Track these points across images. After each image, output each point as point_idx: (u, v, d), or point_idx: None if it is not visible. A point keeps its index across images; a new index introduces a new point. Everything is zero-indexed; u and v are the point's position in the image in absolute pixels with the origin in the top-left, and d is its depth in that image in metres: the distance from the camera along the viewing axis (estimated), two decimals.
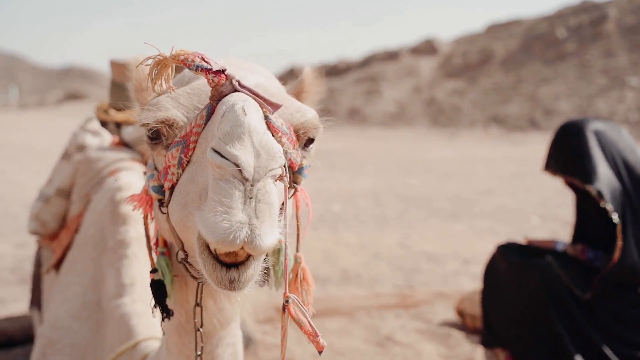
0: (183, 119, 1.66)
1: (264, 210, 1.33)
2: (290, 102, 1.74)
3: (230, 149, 1.33)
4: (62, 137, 20.18)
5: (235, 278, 1.39)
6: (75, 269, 3.02)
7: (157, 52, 1.63)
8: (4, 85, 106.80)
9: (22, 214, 10.27)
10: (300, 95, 2.05)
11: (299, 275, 1.94)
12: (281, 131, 1.60)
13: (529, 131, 31.34)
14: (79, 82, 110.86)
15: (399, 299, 5.91)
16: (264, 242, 1.31)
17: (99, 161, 3.58)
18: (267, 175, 1.35)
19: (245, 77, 1.70)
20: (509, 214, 10.85)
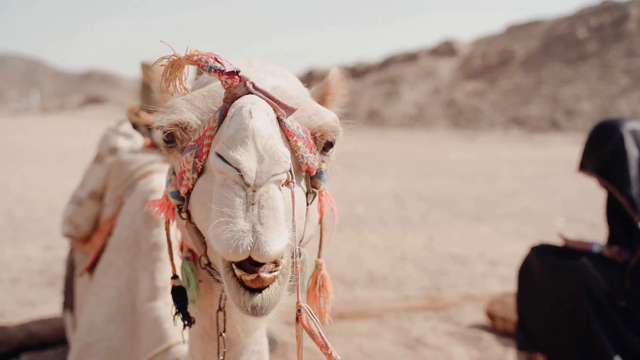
0: (197, 121, 1.62)
1: (268, 215, 1.29)
2: (308, 105, 1.69)
3: (232, 154, 1.30)
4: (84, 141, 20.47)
5: (258, 304, 1.35)
6: (110, 272, 3.02)
7: (172, 52, 1.60)
8: (25, 90, 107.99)
9: (47, 217, 10.37)
10: (326, 98, 2.00)
11: (317, 282, 1.89)
12: (296, 134, 1.57)
13: (550, 132, 31.10)
14: (100, 86, 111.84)
15: (428, 301, 5.87)
16: (270, 249, 1.27)
17: (132, 164, 3.58)
18: (270, 181, 1.30)
19: (264, 80, 1.68)
20: (533, 215, 10.75)
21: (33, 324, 4.87)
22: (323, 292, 1.89)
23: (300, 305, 1.47)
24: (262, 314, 1.36)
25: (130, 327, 2.81)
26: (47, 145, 24.29)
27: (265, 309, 1.36)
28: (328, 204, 1.91)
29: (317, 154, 1.67)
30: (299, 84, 1.88)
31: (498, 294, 5.51)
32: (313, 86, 2.08)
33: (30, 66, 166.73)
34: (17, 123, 42.64)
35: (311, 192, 1.68)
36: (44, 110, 64.41)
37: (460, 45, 48.97)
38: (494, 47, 46.05)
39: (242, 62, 1.82)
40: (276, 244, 1.28)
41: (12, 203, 11.74)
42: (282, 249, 1.30)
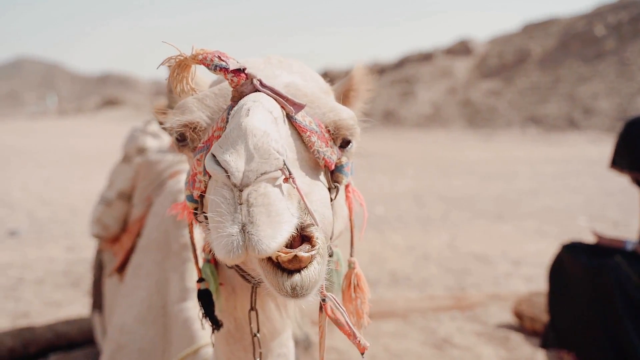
0: (207, 120, 1.60)
1: (259, 212, 1.24)
2: (323, 102, 1.67)
3: (221, 154, 1.27)
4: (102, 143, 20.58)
5: (298, 284, 1.30)
6: (140, 273, 3.01)
7: (178, 52, 1.57)
8: (43, 93, 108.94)
9: (69, 219, 10.44)
10: (349, 94, 1.97)
11: (352, 282, 1.83)
12: (309, 129, 1.55)
13: (568, 131, 30.85)
14: (116, 89, 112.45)
15: (453, 301, 5.82)
16: (266, 245, 1.22)
17: (160, 163, 3.58)
18: (259, 180, 1.26)
19: (279, 77, 1.67)
20: (555, 214, 10.66)
21: (61, 325, 4.89)
22: (359, 292, 1.83)
23: (325, 295, 1.45)
24: (303, 294, 1.32)
25: (161, 328, 2.80)
26: (66, 148, 24.46)
27: (306, 289, 1.32)
28: (356, 200, 1.89)
29: (335, 147, 1.65)
30: (318, 81, 1.85)
31: (525, 293, 5.46)
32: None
33: (48, 69, 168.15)
34: (35, 126, 43.01)
35: (333, 186, 1.65)
36: (61, 112, 64.91)
37: (476, 44, 48.74)
38: (511, 45, 45.79)
39: (261, 59, 1.80)
40: (273, 239, 1.23)
41: (34, 204, 11.82)
42: (282, 241, 1.25)
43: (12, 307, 5.94)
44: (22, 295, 6.30)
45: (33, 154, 21.54)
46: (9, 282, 6.74)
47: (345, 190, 1.81)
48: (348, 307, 1.85)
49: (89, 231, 3.79)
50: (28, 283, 6.72)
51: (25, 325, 4.98)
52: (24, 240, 8.88)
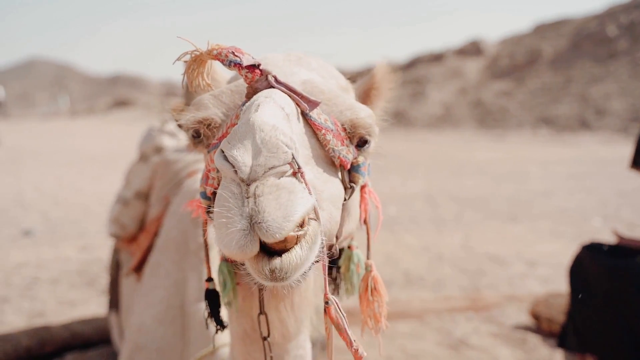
0: (221, 117, 1.59)
1: (267, 200, 1.19)
2: (341, 100, 1.64)
3: (230, 150, 1.24)
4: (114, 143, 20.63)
5: (277, 266, 1.25)
6: (158, 273, 3.00)
7: (194, 47, 1.56)
8: (54, 94, 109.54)
9: (83, 218, 10.47)
10: (370, 92, 1.95)
11: (369, 285, 1.80)
12: (324, 127, 1.53)
13: (580, 132, 30.67)
14: (127, 89, 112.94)
15: (469, 301, 5.79)
16: (274, 231, 1.18)
17: (177, 163, 3.57)
18: (267, 174, 1.23)
19: (297, 73, 1.65)
20: (569, 215, 10.59)
21: (76, 324, 4.90)
22: (376, 295, 1.80)
23: (329, 298, 1.42)
24: (282, 277, 1.26)
25: (179, 328, 2.79)
26: (78, 148, 24.57)
27: (285, 272, 1.26)
28: (372, 201, 1.86)
29: (351, 146, 1.62)
30: (338, 78, 1.82)
31: (542, 294, 5.42)
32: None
33: (59, 70, 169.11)
34: (47, 126, 43.24)
35: (349, 186, 1.62)
36: (72, 113, 65.25)
37: (487, 45, 48.57)
38: (522, 46, 45.59)
39: (281, 55, 1.79)
40: (285, 220, 1.19)
41: (48, 204, 11.87)
42: (297, 219, 1.21)
43: (28, 306, 5.96)
44: (37, 295, 6.32)
45: (45, 155, 21.65)
46: (25, 281, 6.77)
47: (361, 191, 1.79)
48: (365, 310, 1.82)
49: (107, 230, 3.79)
50: (43, 282, 6.74)
51: (41, 324, 4.99)
52: (38, 240, 8.91)
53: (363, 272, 1.87)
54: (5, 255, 7.91)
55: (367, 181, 1.80)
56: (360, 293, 1.84)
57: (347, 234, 1.72)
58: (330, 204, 1.51)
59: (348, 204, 1.64)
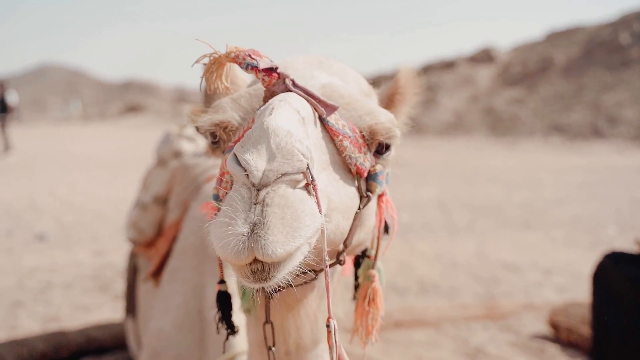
0: (238, 120, 1.57)
1: (273, 213, 1.17)
2: (360, 104, 1.61)
3: (242, 154, 1.21)
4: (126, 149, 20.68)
5: (259, 268, 1.21)
6: (177, 278, 2.99)
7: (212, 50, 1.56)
8: (66, 99, 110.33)
9: (96, 223, 10.49)
10: (394, 97, 1.92)
11: (368, 295, 1.77)
12: (342, 133, 1.50)
13: (592, 140, 30.48)
14: (139, 95, 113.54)
15: (485, 310, 5.73)
16: (273, 250, 1.15)
17: (196, 167, 3.56)
18: (279, 181, 1.20)
19: (317, 77, 1.63)
20: (584, 223, 10.50)
21: (92, 329, 4.89)
22: (372, 307, 1.77)
23: (330, 321, 1.37)
24: (264, 279, 1.23)
25: (197, 334, 2.78)
26: (90, 153, 24.68)
27: (267, 273, 1.22)
28: (388, 211, 1.83)
29: (369, 154, 1.60)
30: (360, 83, 1.80)
31: (561, 303, 5.36)
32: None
33: (72, 76, 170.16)
34: (59, 131, 43.50)
35: (365, 195, 1.59)
36: (84, 118, 65.62)
37: (499, 52, 48.44)
38: (534, 53, 45.44)
39: (301, 58, 1.76)
40: (283, 245, 1.16)
41: (61, 209, 11.91)
42: (291, 250, 1.18)
43: (42, 310, 5.96)
44: (51, 299, 6.31)
45: (58, 159, 21.74)
46: (38, 285, 6.77)
47: (379, 200, 1.76)
48: (359, 319, 1.79)
49: (124, 235, 3.78)
50: (57, 287, 6.74)
51: (56, 329, 4.99)
52: (52, 244, 8.93)
53: (384, 283, 1.85)
54: (19, 259, 7.92)
55: (385, 190, 1.78)
56: (357, 300, 1.82)
57: (358, 243, 1.69)
58: (339, 214, 1.49)
59: (362, 212, 1.61)
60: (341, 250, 1.63)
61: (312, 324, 1.83)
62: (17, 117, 34.05)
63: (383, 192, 1.76)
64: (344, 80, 1.72)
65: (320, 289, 1.79)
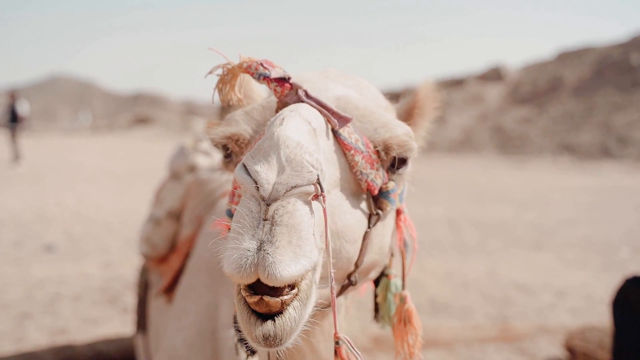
0: (251, 133, 1.54)
1: (281, 233, 1.13)
2: (376, 117, 1.57)
3: (252, 164, 1.17)
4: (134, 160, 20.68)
5: (271, 333, 1.18)
6: (190, 296, 2.94)
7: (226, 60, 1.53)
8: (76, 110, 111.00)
9: (104, 235, 10.45)
10: (413, 112, 1.87)
11: (403, 317, 1.74)
12: (354, 148, 1.46)
13: (602, 160, 30.36)
14: (148, 107, 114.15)
15: (498, 331, 5.66)
16: (279, 272, 1.11)
17: (211, 182, 3.52)
18: (289, 194, 1.16)
19: (332, 89, 1.58)
20: (595, 244, 10.39)
21: (100, 344, 4.85)
22: (410, 328, 1.73)
23: (339, 337, 1.33)
24: (277, 344, 1.19)
25: (209, 354, 2.72)
26: (99, 164, 24.71)
27: (279, 339, 1.19)
28: (407, 230, 1.78)
29: (381, 170, 1.55)
30: (377, 97, 1.75)
31: (577, 327, 5.27)
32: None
33: (82, 87, 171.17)
34: (69, 142, 43.66)
35: (375, 213, 1.53)
36: (94, 129, 65.92)
37: (509, 71, 48.44)
38: (544, 73, 45.43)
39: (317, 71, 1.73)
40: (288, 267, 1.12)
41: (70, 220, 11.88)
42: (297, 273, 1.14)
43: (50, 323, 5.91)
44: (60, 311, 6.27)
45: (67, 170, 21.77)
46: (47, 297, 6.73)
47: (397, 219, 1.71)
48: (398, 341, 1.75)
49: (137, 249, 3.73)
50: (65, 299, 6.70)
51: (65, 342, 4.95)
52: (60, 255, 8.89)
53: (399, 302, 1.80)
54: (27, 270, 7.88)
55: (403, 208, 1.73)
56: (393, 323, 1.78)
57: (370, 263, 1.64)
58: (341, 236, 1.44)
59: (372, 232, 1.55)
60: (352, 270, 1.58)
61: (326, 341, 1.80)
62: (27, 127, 34.17)
63: (401, 210, 1.72)
64: (361, 94, 1.68)
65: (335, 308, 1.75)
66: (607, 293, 7.05)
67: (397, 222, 1.73)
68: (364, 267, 1.61)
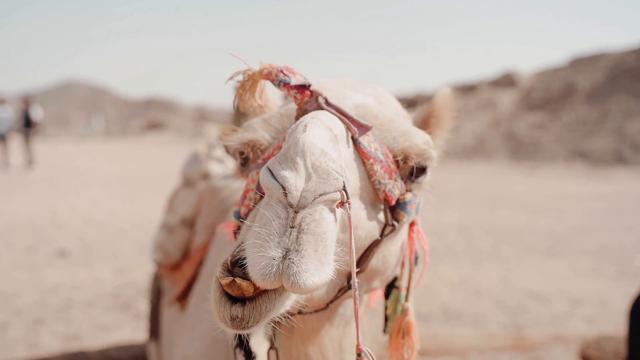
0: (269, 140, 1.54)
1: (307, 241, 1.13)
2: (395, 125, 1.56)
3: (280, 170, 1.17)
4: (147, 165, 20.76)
5: (238, 316, 1.19)
6: (203, 305, 2.93)
7: (247, 66, 1.52)
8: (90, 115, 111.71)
9: (116, 240, 10.49)
10: (429, 121, 1.86)
11: (402, 329, 1.72)
12: (373, 157, 1.45)
13: (616, 166, 30.14)
14: (160, 112, 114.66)
15: (513, 340, 5.61)
16: (302, 281, 1.11)
17: (224, 190, 3.50)
18: (317, 201, 1.15)
19: (351, 97, 1.58)
20: (610, 252, 10.29)
21: (113, 350, 4.86)
22: (407, 341, 1.71)
23: (361, 349, 1.31)
24: (243, 327, 1.20)
25: None
26: (112, 169, 24.81)
27: (247, 322, 1.20)
28: (419, 242, 1.77)
29: (399, 181, 1.53)
30: (395, 106, 1.74)
31: (592, 336, 5.21)
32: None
33: (95, 93, 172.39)
34: (82, 147, 43.91)
35: (390, 224, 1.52)
36: (107, 134, 66.27)
37: (522, 77, 48.26)
38: (557, 79, 45.23)
39: (334, 79, 1.72)
40: (312, 276, 1.12)
41: (83, 225, 11.93)
42: (321, 283, 1.13)
43: (63, 329, 5.93)
44: (72, 317, 6.28)
45: (80, 175, 21.88)
46: (60, 303, 6.75)
47: (410, 230, 1.70)
48: (394, 353, 1.73)
49: (151, 257, 3.72)
50: (78, 304, 6.72)
51: (77, 348, 4.95)
52: (73, 260, 8.92)
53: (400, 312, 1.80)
54: (40, 276, 7.92)
55: (416, 219, 1.72)
56: (391, 334, 1.76)
57: (370, 271, 1.62)
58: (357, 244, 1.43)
59: (382, 241, 1.54)
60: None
61: (336, 352, 1.78)
62: (41, 133, 34.40)
63: (415, 222, 1.71)
64: (379, 102, 1.68)
65: (345, 316, 1.74)
66: (622, 301, 6.98)
67: (410, 233, 1.72)
68: (365, 274, 1.59)
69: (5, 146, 24.14)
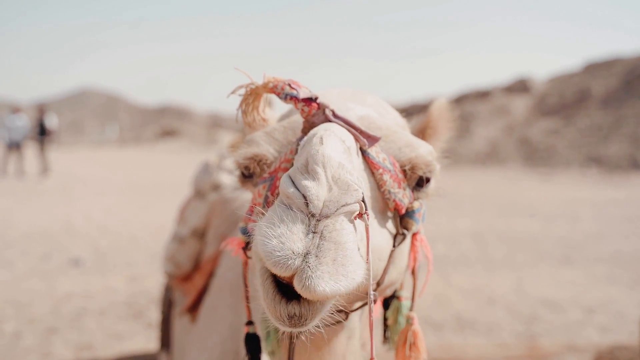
0: (274, 154, 1.53)
1: (327, 249, 1.12)
2: (399, 136, 1.56)
3: (302, 180, 1.17)
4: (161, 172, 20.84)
5: (296, 313, 1.18)
6: (214, 317, 2.93)
7: (249, 79, 1.52)
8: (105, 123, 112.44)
9: (130, 248, 10.53)
10: (426, 131, 1.85)
11: (408, 339, 1.69)
12: (382, 167, 1.45)
13: (631, 172, 29.90)
14: (174, 120, 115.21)
15: (526, 349, 5.56)
16: (317, 287, 1.10)
17: (235, 201, 3.51)
18: (339, 212, 1.15)
19: (353, 109, 1.57)
20: (626, 260, 10.20)
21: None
22: (414, 351, 1.68)
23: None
24: (300, 324, 1.20)
25: None
26: (125, 177, 24.96)
27: (305, 319, 1.19)
28: (422, 250, 1.76)
29: (407, 189, 1.53)
30: (394, 115, 1.75)
31: (606, 345, 5.17)
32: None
33: (109, 100, 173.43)
34: (96, 155, 44.21)
35: (400, 233, 1.53)
36: (121, 142, 66.69)
37: (536, 82, 48.05)
38: (571, 85, 44.99)
39: (334, 90, 1.72)
40: (326, 285, 1.11)
41: (96, 233, 12.00)
42: (331, 294, 1.12)
43: (76, 338, 5.95)
44: (85, 326, 6.31)
45: (94, 183, 22.02)
46: (73, 312, 6.78)
47: (413, 239, 1.69)
48: None
49: (162, 268, 3.74)
50: (91, 313, 6.74)
51: (90, 358, 4.97)
52: (87, 269, 8.97)
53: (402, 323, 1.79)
54: (54, 284, 7.97)
55: (419, 228, 1.71)
56: (397, 345, 1.73)
57: (389, 282, 1.63)
58: (375, 255, 1.42)
59: (395, 251, 1.55)
60: (374, 289, 1.57)
61: None
62: (56, 140, 34.67)
63: (418, 230, 1.71)
64: (380, 113, 1.68)
65: (349, 329, 1.73)
66: (637, 310, 6.91)
67: (413, 242, 1.71)
68: (384, 286, 1.60)
69: (20, 154, 24.32)
